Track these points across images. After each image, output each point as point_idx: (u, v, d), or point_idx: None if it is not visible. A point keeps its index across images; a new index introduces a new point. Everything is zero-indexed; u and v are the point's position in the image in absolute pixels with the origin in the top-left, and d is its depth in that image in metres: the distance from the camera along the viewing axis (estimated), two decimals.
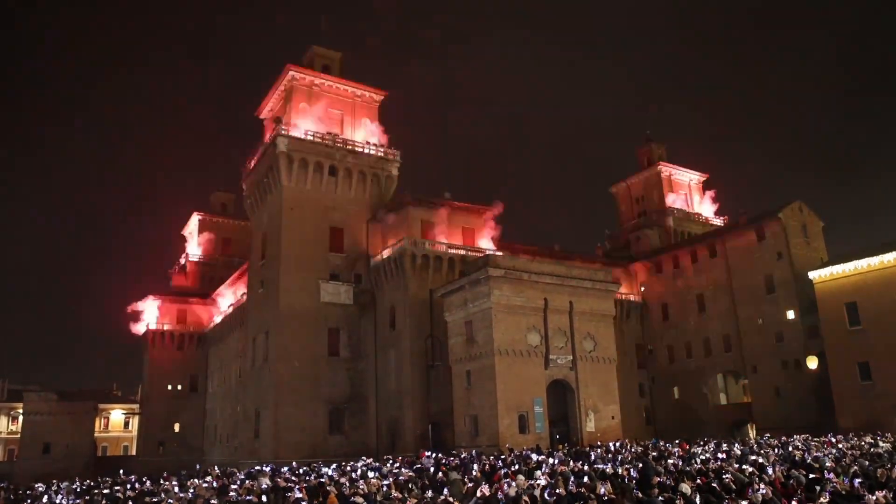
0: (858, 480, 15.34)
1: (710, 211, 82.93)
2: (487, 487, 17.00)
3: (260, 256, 57.35)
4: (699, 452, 27.64)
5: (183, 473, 33.74)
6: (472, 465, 26.61)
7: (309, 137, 53.72)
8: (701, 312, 62.13)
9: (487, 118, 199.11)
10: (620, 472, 19.92)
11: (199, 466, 43.83)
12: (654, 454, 27.92)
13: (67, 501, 24.83)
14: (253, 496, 19.23)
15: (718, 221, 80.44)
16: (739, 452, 26.21)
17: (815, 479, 16.32)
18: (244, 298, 63.90)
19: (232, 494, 20.49)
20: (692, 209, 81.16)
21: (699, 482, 16.50)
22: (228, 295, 73.52)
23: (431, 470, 25.29)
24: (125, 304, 79.71)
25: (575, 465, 23.63)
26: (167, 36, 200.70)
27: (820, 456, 22.91)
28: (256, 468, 33.16)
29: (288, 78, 55.93)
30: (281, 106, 57.54)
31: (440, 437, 45.48)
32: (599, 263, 62.65)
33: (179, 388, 77.99)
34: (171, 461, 65.84)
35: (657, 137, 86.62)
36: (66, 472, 57.17)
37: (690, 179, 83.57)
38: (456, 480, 20.19)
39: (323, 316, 51.93)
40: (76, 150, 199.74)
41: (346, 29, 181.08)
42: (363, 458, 36.49)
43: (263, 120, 61.38)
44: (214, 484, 25.12)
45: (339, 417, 51.24)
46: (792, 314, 53.93)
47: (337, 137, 55.53)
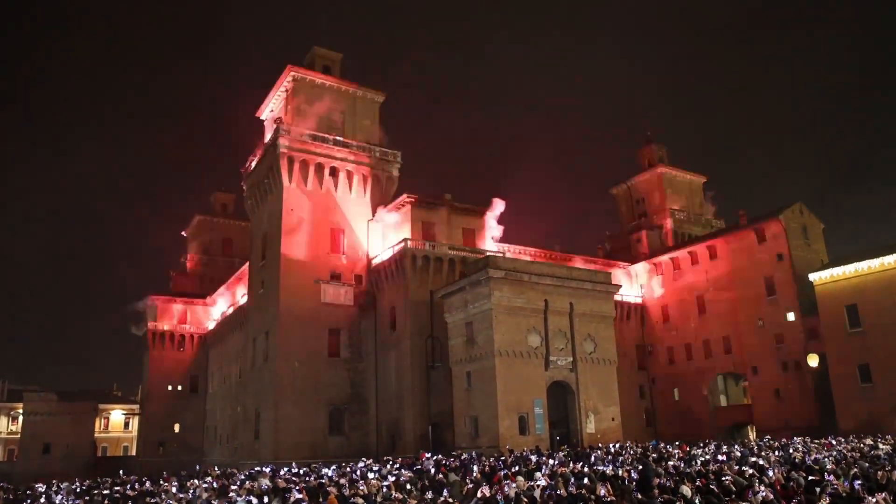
0: (858, 482, 15.33)
1: (710, 212, 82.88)
2: (487, 488, 16.99)
3: (260, 257, 57.36)
4: (699, 454, 27.64)
5: (183, 474, 33.70)
6: (472, 466, 26.61)
7: (309, 138, 53.75)
8: (701, 314, 62.12)
9: (488, 119, 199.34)
10: (621, 473, 19.92)
11: (199, 467, 43.82)
12: (654, 456, 27.91)
13: (67, 501, 24.81)
14: (253, 497, 19.21)
15: (719, 223, 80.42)
16: (739, 454, 26.23)
17: (815, 481, 16.30)
18: (244, 299, 63.94)
19: (232, 495, 20.44)
20: (692, 211, 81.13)
21: (699, 484, 16.48)
22: (229, 295, 73.57)
23: (431, 471, 25.29)
24: (126, 304, 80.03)
25: (574, 466, 23.63)
26: (168, 36, 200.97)
27: (820, 458, 22.91)
28: (256, 469, 33.17)
29: (288, 78, 55.92)
30: (281, 106, 57.52)
31: (440, 438, 45.43)
32: (600, 265, 62.71)
33: (179, 388, 78.03)
34: (171, 462, 65.89)
35: (657, 139, 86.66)
36: (66, 472, 57.24)
37: (691, 181, 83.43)
38: (456, 482, 20.21)
39: (323, 317, 51.89)
40: (76, 150, 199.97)
41: (346, 29, 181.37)
42: (363, 458, 36.46)
43: (264, 120, 61.37)
44: (214, 485, 25.10)
45: (339, 418, 51.23)
46: (792, 316, 53.93)
47: (337, 138, 55.57)
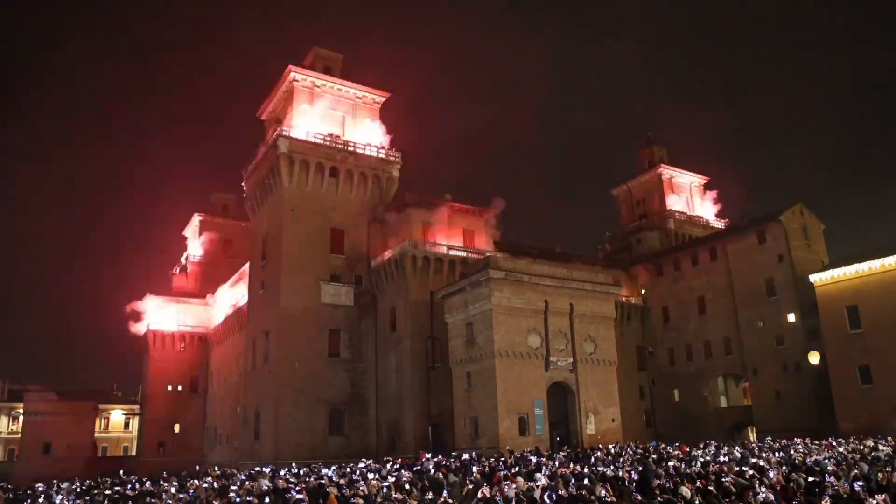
0: (859, 484, 15.33)
1: (710, 213, 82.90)
2: (487, 489, 16.99)
3: (261, 257, 57.37)
4: (699, 455, 27.62)
5: (183, 474, 33.72)
6: (472, 466, 26.61)
7: (310, 138, 53.76)
8: (701, 315, 62.10)
9: (489, 120, 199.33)
10: (621, 474, 19.91)
11: (199, 467, 43.85)
12: (654, 457, 27.89)
13: (67, 501, 24.80)
14: (253, 497, 19.21)
15: (719, 224, 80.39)
16: (740, 455, 26.21)
17: (815, 482, 16.31)
18: (245, 299, 63.96)
19: (232, 495, 20.44)
20: (693, 212, 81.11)
21: (699, 485, 16.48)
22: (229, 296, 73.56)
23: (431, 471, 25.27)
24: (126, 304, 79.92)
25: (574, 467, 23.62)
26: (168, 36, 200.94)
27: (820, 459, 22.93)
28: (256, 469, 33.14)
29: (289, 79, 55.96)
30: (282, 107, 57.57)
31: (440, 438, 45.43)
32: (600, 266, 62.74)
33: (179, 388, 78.07)
34: (170, 462, 65.85)
35: (658, 140, 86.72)
36: (66, 472, 57.08)
37: (691, 182, 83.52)
38: (455, 482, 20.20)
39: (323, 317, 51.94)
40: (77, 150, 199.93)
41: (346, 29, 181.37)
42: (363, 459, 36.47)
43: (265, 121, 61.41)
44: (214, 485, 25.11)
45: (339, 419, 51.24)
46: (792, 317, 53.90)
47: (338, 139, 55.56)
